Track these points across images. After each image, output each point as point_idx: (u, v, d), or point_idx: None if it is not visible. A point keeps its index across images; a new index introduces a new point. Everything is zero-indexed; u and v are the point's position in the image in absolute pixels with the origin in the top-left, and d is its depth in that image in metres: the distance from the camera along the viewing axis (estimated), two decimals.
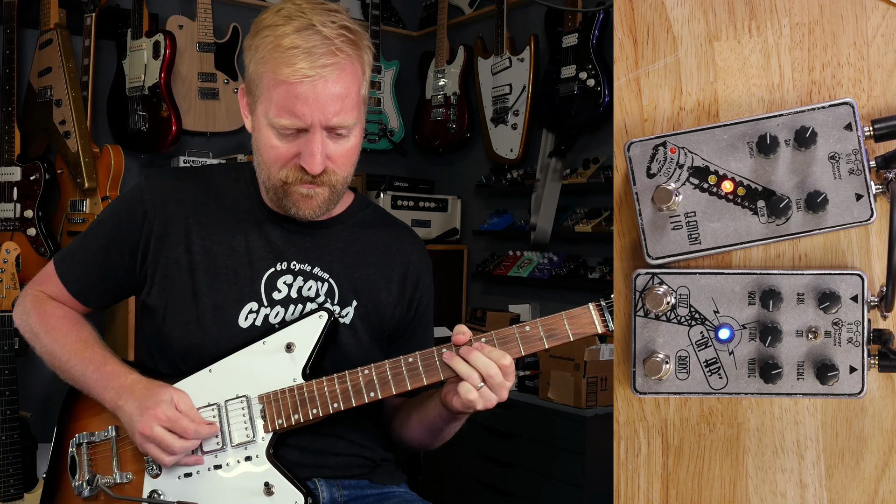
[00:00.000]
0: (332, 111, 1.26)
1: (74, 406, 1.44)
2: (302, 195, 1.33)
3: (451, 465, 3.12)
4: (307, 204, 1.34)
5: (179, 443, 1.28)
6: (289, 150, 1.30)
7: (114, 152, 3.08)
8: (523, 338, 1.25)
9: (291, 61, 1.24)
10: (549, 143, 3.36)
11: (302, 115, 1.26)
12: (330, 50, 1.25)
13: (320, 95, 1.25)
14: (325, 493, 1.39)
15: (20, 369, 2.55)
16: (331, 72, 1.25)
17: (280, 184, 1.33)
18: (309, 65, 1.24)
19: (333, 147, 1.30)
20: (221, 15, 3.48)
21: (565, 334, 1.23)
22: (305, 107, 1.25)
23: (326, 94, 1.25)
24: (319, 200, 1.35)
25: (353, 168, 1.36)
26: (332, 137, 1.30)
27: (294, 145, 1.29)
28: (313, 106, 1.25)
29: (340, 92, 1.27)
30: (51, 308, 1.46)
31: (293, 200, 1.34)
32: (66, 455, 1.41)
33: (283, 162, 1.31)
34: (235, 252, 1.40)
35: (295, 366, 1.32)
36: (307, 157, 1.28)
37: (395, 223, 1.56)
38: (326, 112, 1.26)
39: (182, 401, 1.30)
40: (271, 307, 1.38)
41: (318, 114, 1.26)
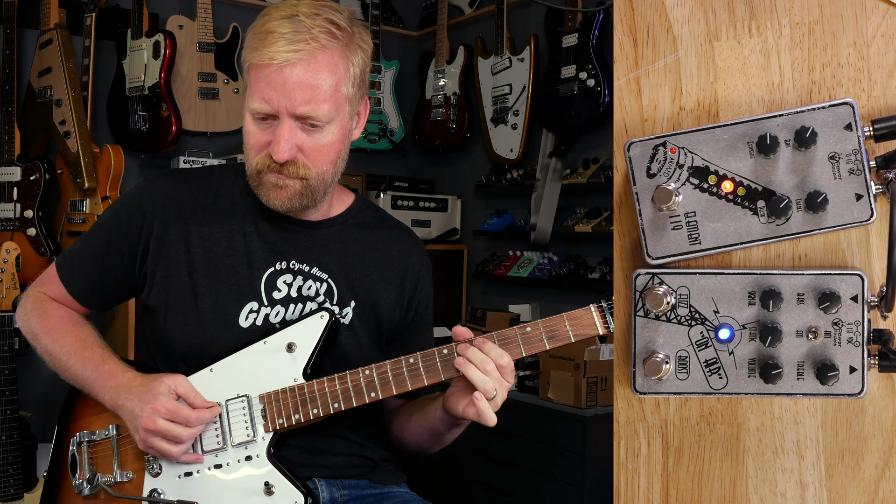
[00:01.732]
0: (300, 99, 1.26)
1: (75, 405, 1.45)
2: (272, 184, 1.33)
3: (451, 465, 3.12)
4: (277, 194, 1.34)
5: (186, 431, 1.27)
6: (262, 137, 1.30)
7: (114, 152, 3.08)
8: (524, 339, 1.24)
9: (265, 44, 1.25)
10: (549, 143, 3.36)
11: (269, 99, 1.26)
12: (304, 38, 1.25)
13: (287, 81, 1.25)
14: (324, 493, 1.39)
15: (20, 369, 2.55)
16: (301, 57, 1.25)
17: (254, 171, 1.34)
18: (278, 49, 1.24)
19: (305, 139, 1.30)
20: (221, 15, 3.48)
21: (566, 335, 1.22)
22: (273, 91, 1.26)
23: (294, 81, 1.25)
24: (289, 192, 1.33)
25: (331, 166, 1.35)
26: (304, 129, 1.30)
27: (267, 132, 1.30)
28: (280, 91, 1.25)
29: (311, 81, 1.26)
30: (51, 309, 1.46)
31: (265, 189, 1.34)
32: (66, 454, 1.41)
33: (257, 148, 1.32)
34: (235, 252, 1.40)
35: (296, 366, 1.32)
36: (274, 145, 1.28)
37: (395, 225, 1.56)
38: (293, 99, 1.26)
39: (180, 385, 1.29)
40: (271, 307, 1.38)
41: (285, 99, 1.26)
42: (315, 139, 1.30)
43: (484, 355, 1.23)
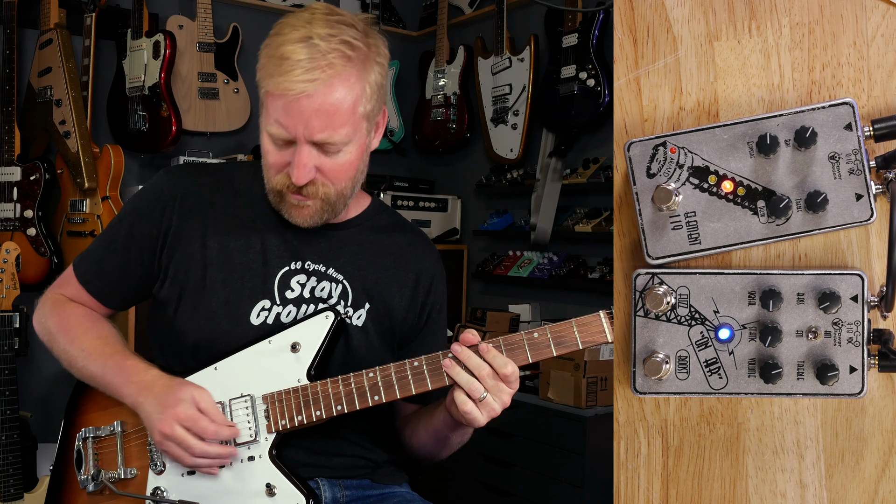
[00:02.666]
0: (317, 127, 1.25)
1: (82, 400, 1.44)
2: (293, 205, 1.35)
3: (452, 465, 3.12)
4: (299, 213, 1.36)
5: (199, 445, 1.27)
6: (281, 158, 1.31)
7: (114, 152, 3.08)
8: (531, 345, 1.22)
9: (279, 71, 1.23)
10: (549, 143, 3.36)
11: (287, 126, 1.26)
12: (319, 65, 1.23)
13: (304, 110, 1.24)
14: (327, 493, 1.40)
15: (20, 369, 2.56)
16: (317, 87, 1.23)
17: (275, 190, 1.35)
18: (293, 78, 1.22)
19: (325, 161, 1.30)
20: (221, 15, 3.48)
21: (574, 342, 1.20)
22: (290, 119, 1.25)
23: (310, 109, 1.24)
24: (311, 211, 1.35)
25: (350, 181, 1.35)
26: (322, 151, 1.29)
27: (286, 154, 1.30)
28: (297, 120, 1.25)
29: (327, 108, 1.25)
30: (69, 308, 1.45)
31: (286, 207, 1.36)
32: (72, 449, 1.41)
33: (276, 168, 1.32)
34: (251, 249, 1.40)
35: (300, 366, 1.32)
36: (292, 169, 1.29)
37: (410, 229, 1.57)
38: (310, 127, 1.25)
39: (203, 399, 1.29)
40: (283, 306, 1.38)
41: (302, 128, 1.25)
42: (334, 160, 1.30)
43: (480, 361, 1.21)
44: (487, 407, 1.22)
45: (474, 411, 1.22)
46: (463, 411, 1.22)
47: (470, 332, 1.24)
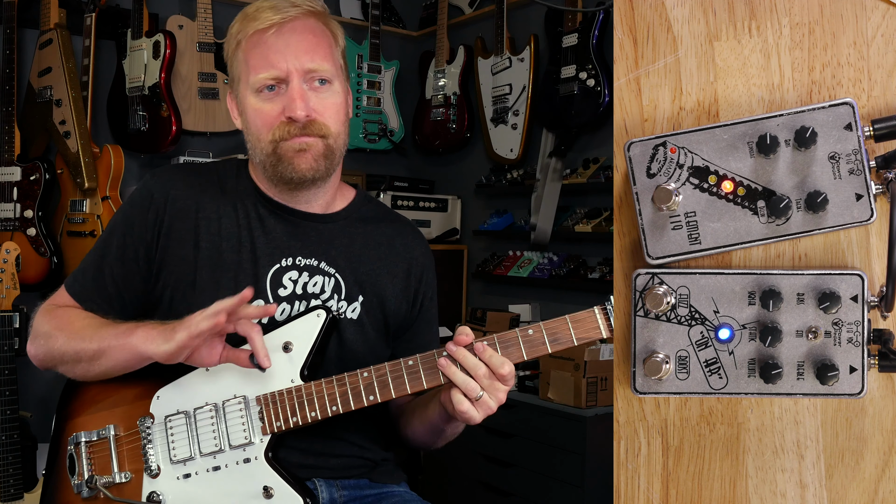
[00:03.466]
0: (305, 54, 1.33)
1: (72, 402, 1.42)
2: (295, 151, 1.34)
3: (451, 465, 3.12)
4: (301, 159, 1.35)
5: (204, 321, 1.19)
6: (273, 109, 1.34)
7: (114, 152, 3.08)
8: (526, 342, 1.22)
9: (257, 16, 1.34)
10: (549, 143, 3.36)
11: (276, 62, 1.32)
12: (293, 3, 1.35)
13: (290, 41, 1.33)
14: (324, 494, 1.39)
15: (20, 369, 2.55)
16: (296, 16, 1.34)
17: (271, 148, 1.35)
18: (274, 13, 1.33)
19: (316, 99, 1.35)
20: (221, 15, 3.48)
21: (569, 339, 1.20)
22: (278, 54, 1.32)
23: (297, 40, 1.34)
24: (314, 154, 1.35)
25: (343, 128, 1.40)
26: (312, 88, 1.35)
27: (277, 102, 1.34)
28: (285, 52, 1.33)
29: (311, 40, 1.35)
30: (62, 309, 1.40)
31: (287, 160, 1.35)
32: (64, 453, 1.39)
33: (270, 123, 1.34)
34: (242, 248, 1.40)
35: (293, 366, 1.31)
36: (290, 105, 1.32)
37: (397, 219, 1.57)
38: (299, 55, 1.33)
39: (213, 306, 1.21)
40: (277, 304, 1.38)
41: (293, 59, 1.33)
42: (323, 97, 1.36)
43: (477, 361, 1.20)
44: (484, 406, 1.22)
45: (471, 410, 1.22)
46: (459, 410, 1.22)
47: (464, 330, 1.24)
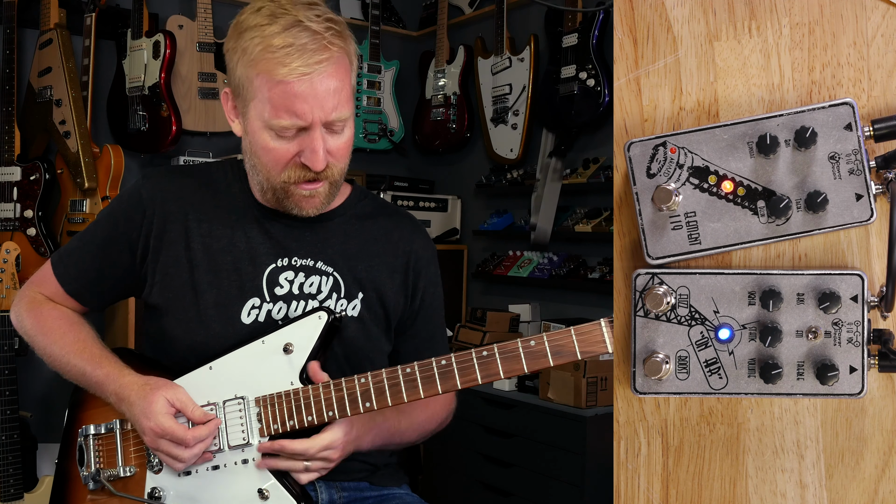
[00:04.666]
0: (331, 107, 1.27)
1: (84, 395, 1.45)
2: (303, 196, 1.34)
3: (452, 465, 3.12)
4: (309, 203, 1.35)
5: (185, 452, 1.28)
6: (289, 150, 1.30)
7: (114, 152, 3.08)
8: (528, 354, 1.19)
9: (286, 60, 1.24)
10: (549, 143, 3.36)
11: (302, 113, 1.26)
12: (322, 45, 1.26)
13: (318, 92, 1.26)
14: (324, 496, 1.39)
15: (20, 369, 2.55)
16: (326, 67, 1.26)
17: (282, 185, 1.33)
18: (304, 62, 1.24)
19: (332, 141, 1.31)
20: (221, 15, 3.48)
21: (573, 352, 1.17)
22: (305, 105, 1.25)
23: (324, 91, 1.26)
24: (321, 198, 1.36)
25: (349, 158, 1.38)
26: (329, 132, 1.31)
27: (294, 144, 1.29)
28: (313, 104, 1.26)
29: (337, 86, 1.28)
30: (47, 310, 1.46)
31: (295, 201, 1.35)
32: (75, 444, 1.42)
33: (284, 163, 1.31)
34: (236, 248, 1.40)
35: (292, 369, 1.31)
36: (310, 155, 1.28)
37: (395, 212, 1.56)
38: (325, 108, 1.27)
39: (177, 399, 1.29)
40: (274, 302, 1.38)
41: (318, 111, 1.26)
42: (338, 139, 1.32)
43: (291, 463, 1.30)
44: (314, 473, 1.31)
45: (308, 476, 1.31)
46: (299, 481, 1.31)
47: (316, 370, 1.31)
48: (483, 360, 1.21)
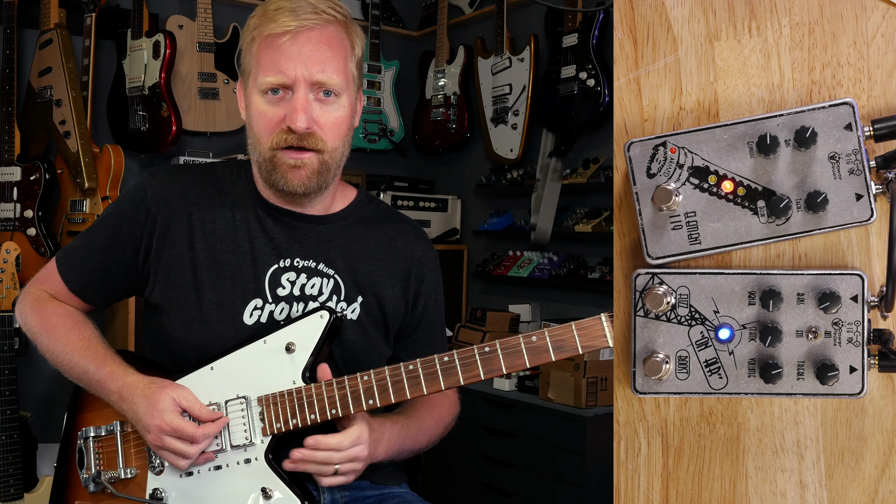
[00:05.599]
0: (316, 65, 1.29)
1: (84, 396, 1.45)
2: (289, 165, 1.33)
3: (452, 465, 3.12)
4: (294, 175, 1.34)
5: (192, 448, 1.28)
6: (276, 114, 1.31)
7: (114, 152, 3.08)
8: (529, 349, 1.20)
9: (276, 18, 1.29)
10: (549, 143, 3.36)
11: (285, 69, 1.29)
12: (315, 10, 1.30)
13: (303, 49, 1.29)
14: (325, 494, 1.39)
15: (20, 369, 2.55)
16: (314, 25, 1.29)
17: (269, 154, 1.33)
18: (292, 18, 1.28)
19: (320, 111, 1.32)
20: (221, 15, 3.48)
21: (574, 347, 1.19)
22: (289, 61, 1.28)
23: (309, 49, 1.29)
24: (308, 171, 1.34)
25: (342, 142, 1.36)
26: (318, 100, 1.32)
27: (281, 108, 1.31)
28: (296, 60, 1.28)
29: (325, 50, 1.30)
30: (51, 308, 1.46)
31: (281, 172, 1.34)
32: (74, 447, 1.42)
33: (271, 127, 1.32)
34: (239, 249, 1.40)
35: (294, 368, 1.31)
36: (291, 115, 1.30)
37: (399, 218, 1.56)
38: (310, 66, 1.29)
39: (183, 398, 1.30)
40: (276, 303, 1.38)
41: (302, 67, 1.29)
42: (328, 112, 1.32)
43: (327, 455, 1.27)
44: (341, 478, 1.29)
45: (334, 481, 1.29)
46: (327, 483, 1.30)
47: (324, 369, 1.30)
48: (485, 355, 1.22)
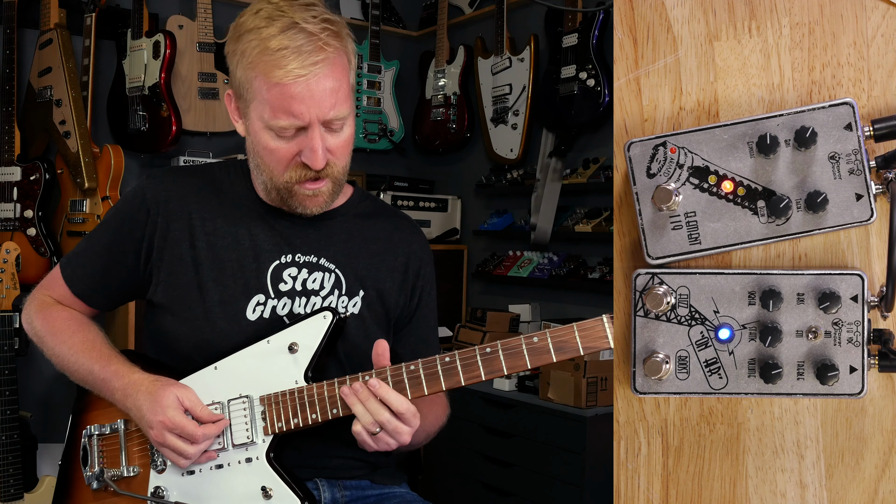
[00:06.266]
0: (328, 106, 1.28)
1: (88, 395, 1.46)
2: (307, 196, 1.35)
3: (451, 465, 3.12)
4: (313, 202, 1.37)
5: (192, 448, 1.28)
6: (289, 150, 1.31)
7: (114, 152, 3.08)
8: (531, 350, 1.21)
9: (282, 63, 1.26)
10: (549, 143, 3.36)
11: (299, 113, 1.27)
12: (318, 46, 1.27)
13: (315, 93, 1.27)
14: (326, 494, 1.40)
15: (20, 369, 2.56)
16: (322, 68, 1.27)
17: (285, 185, 1.35)
18: (300, 64, 1.25)
19: (331, 140, 1.32)
20: (221, 15, 3.48)
21: (576, 348, 1.19)
22: (302, 105, 1.27)
23: (321, 91, 1.27)
24: (324, 197, 1.37)
25: (350, 156, 1.39)
26: (328, 131, 1.32)
27: (294, 144, 1.31)
28: (310, 104, 1.27)
29: (333, 86, 1.29)
30: (56, 311, 1.47)
31: (299, 200, 1.36)
32: (79, 445, 1.42)
33: (285, 163, 1.32)
34: (240, 245, 1.40)
35: (297, 368, 1.32)
36: (309, 154, 1.30)
37: (394, 213, 1.59)
38: (322, 108, 1.28)
39: (187, 398, 1.30)
40: (278, 298, 1.39)
41: (315, 110, 1.28)
42: (338, 137, 1.33)
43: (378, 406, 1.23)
44: (381, 442, 1.25)
45: (367, 441, 1.25)
46: (358, 439, 1.26)
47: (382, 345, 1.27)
48: (486, 356, 1.22)
